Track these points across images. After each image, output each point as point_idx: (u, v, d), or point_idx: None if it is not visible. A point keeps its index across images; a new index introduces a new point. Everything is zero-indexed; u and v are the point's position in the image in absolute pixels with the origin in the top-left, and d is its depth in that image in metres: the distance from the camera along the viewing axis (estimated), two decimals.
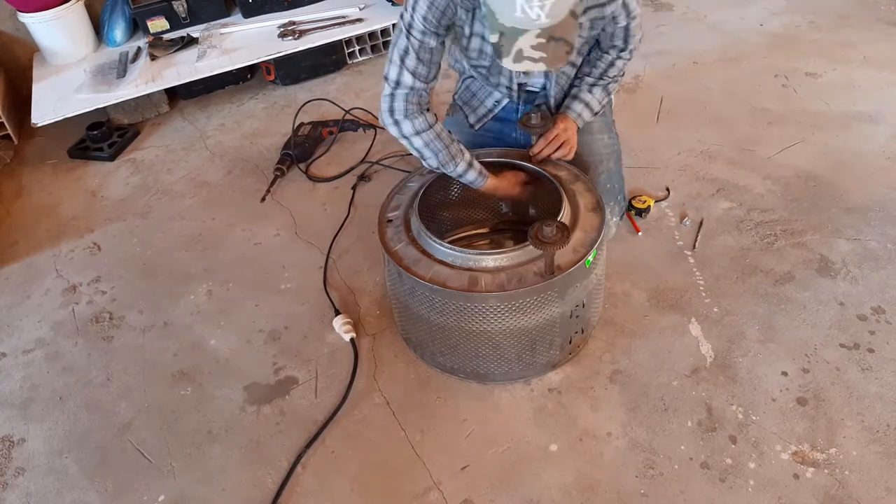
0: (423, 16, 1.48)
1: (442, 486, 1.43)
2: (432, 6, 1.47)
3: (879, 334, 1.64)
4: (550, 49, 1.33)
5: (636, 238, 1.96)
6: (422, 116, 1.57)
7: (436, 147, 1.59)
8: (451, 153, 1.60)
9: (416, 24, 1.49)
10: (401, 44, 1.53)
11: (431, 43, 1.52)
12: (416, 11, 1.48)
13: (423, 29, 1.49)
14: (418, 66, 1.54)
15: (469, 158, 1.63)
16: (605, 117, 1.88)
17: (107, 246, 2.17)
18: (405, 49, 1.53)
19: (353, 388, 1.63)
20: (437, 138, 1.59)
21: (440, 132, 1.60)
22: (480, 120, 1.88)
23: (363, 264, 1.98)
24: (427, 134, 1.58)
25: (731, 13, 3.13)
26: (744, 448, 1.44)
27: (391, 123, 1.59)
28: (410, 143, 1.60)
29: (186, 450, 1.56)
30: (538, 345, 1.52)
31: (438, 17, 1.49)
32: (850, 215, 1.97)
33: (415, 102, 1.56)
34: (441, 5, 1.47)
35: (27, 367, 1.80)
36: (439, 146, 1.59)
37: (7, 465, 1.57)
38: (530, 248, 1.43)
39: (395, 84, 1.56)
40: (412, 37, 1.51)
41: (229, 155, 2.52)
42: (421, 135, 1.58)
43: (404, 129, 1.58)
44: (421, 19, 1.48)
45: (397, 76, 1.55)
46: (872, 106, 2.41)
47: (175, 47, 2.82)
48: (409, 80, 1.54)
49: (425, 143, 1.58)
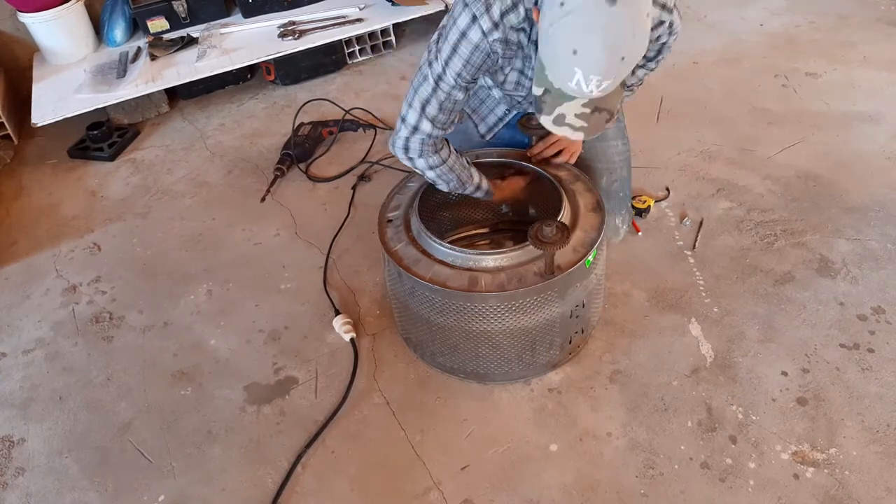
0: (457, 72, 1.39)
1: (442, 486, 1.43)
2: (468, 64, 1.38)
3: (879, 334, 1.64)
4: (593, 119, 1.28)
5: (636, 238, 1.96)
6: (436, 155, 1.52)
7: (448, 178, 1.57)
8: (461, 181, 1.59)
9: (447, 79, 1.40)
10: (424, 92, 1.44)
11: (459, 96, 1.44)
12: (450, 67, 1.39)
13: (454, 84, 1.41)
14: (439, 115, 1.46)
15: (477, 181, 1.62)
16: (618, 122, 1.83)
17: (107, 246, 2.17)
18: (428, 98, 1.44)
19: (353, 388, 1.63)
20: (450, 171, 1.55)
21: (453, 165, 1.55)
22: (491, 129, 1.82)
23: (363, 264, 1.98)
24: (440, 168, 1.54)
25: (731, 13, 3.13)
26: (744, 448, 1.44)
27: (405, 159, 1.54)
28: (423, 174, 1.58)
29: (186, 450, 1.56)
30: (538, 345, 1.52)
31: (473, 74, 1.40)
32: (850, 215, 1.97)
33: (430, 145, 1.50)
34: (477, 63, 1.38)
35: (27, 367, 1.80)
36: (451, 177, 1.57)
37: (7, 465, 1.57)
38: (530, 248, 1.43)
39: (412, 129, 1.48)
40: (440, 89, 1.42)
41: (229, 155, 2.52)
42: (434, 169, 1.54)
43: (418, 164, 1.54)
44: (454, 75, 1.39)
45: (416, 122, 1.47)
46: (872, 106, 2.41)
47: (175, 47, 2.82)
48: (428, 127, 1.47)
49: (438, 175, 1.55)
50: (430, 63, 1.42)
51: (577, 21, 1.12)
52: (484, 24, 1.33)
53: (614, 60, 1.15)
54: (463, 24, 1.34)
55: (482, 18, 1.32)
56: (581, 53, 1.14)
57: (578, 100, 1.24)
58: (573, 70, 1.16)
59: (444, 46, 1.38)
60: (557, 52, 1.17)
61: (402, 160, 1.55)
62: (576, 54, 1.14)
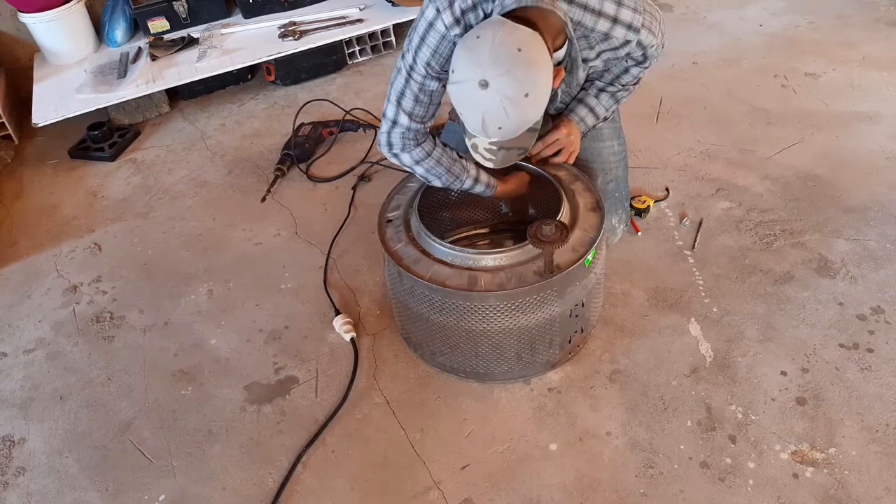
0: (426, 62, 1.43)
1: (442, 486, 1.43)
2: (436, 54, 1.42)
3: (879, 334, 1.64)
4: (501, 154, 1.43)
5: (636, 238, 1.96)
6: (419, 148, 1.55)
7: (437, 171, 1.57)
8: (454, 174, 1.59)
9: (418, 69, 1.44)
10: (398, 84, 1.49)
11: (432, 86, 1.48)
12: (419, 56, 1.43)
13: (425, 73, 1.45)
14: (415, 108, 1.50)
15: (474, 173, 1.62)
16: (614, 122, 1.83)
17: (107, 246, 2.18)
18: (402, 90, 1.49)
19: (354, 388, 1.63)
20: (437, 164, 1.57)
21: (440, 157, 1.57)
22: None
23: (363, 264, 1.98)
24: (426, 162, 1.56)
25: (731, 13, 3.13)
26: (743, 448, 1.44)
27: (390, 155, 1.57)
28: (413, 171, 1.60)
29: (187, 449, 1.56)
30: (538, 344, 1.53)
31: (441, 64, 1.43)
32: (849, 215, 1.97)
33: (411, 139, 1.54)
34: (445, 53, 1.42)
35: (28, 367, 1.80)
36: (440, 170, 1.57)
37: (8, 465, 1.58)
38: (530, 247, 1.43)
39: (391, 123, 1.52)
40: (412, 80, 1.46)
41: (230, 155, 2.53)
42: (421, 163, 1.56)
43: (404, 160, 1.57)
44: (423, 64, 1.43)
45: (394, 116, 1.51)
46: (871, 106, 2.41)
47: (176, 47, 2.82)
48: (406, 120, 1.51)
49: (426, 169, 1.57)
50: (402, 56, 1.49)
51: (460, 92, 1.30)
52: (446, 19, 1.39)
53: (493, 129, 1.31)
54: (430, 16, 1.41)
55: (444, 13, 1.39)
56: (465, 118, 1.33)
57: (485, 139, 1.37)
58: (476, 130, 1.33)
59: (414, 37, 1.45)
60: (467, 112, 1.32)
61: (388, 157, 1.59)
62: (462, 115, 1.33)
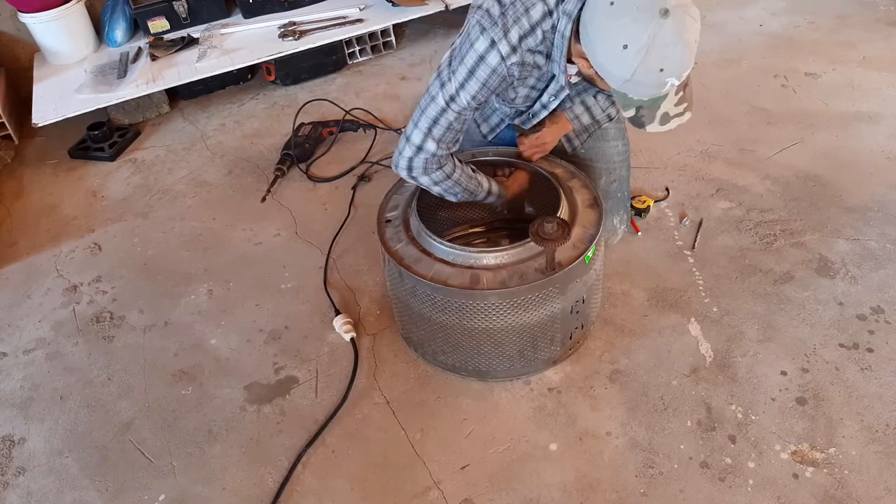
0: (472, 95, 1.39)
1: (442, 486, 1.43)
2: (484, 87, 1.38)
3: (879, 334, 1.64)
4: (688, 95, 1.34)
5: (636, 238, 1.96)
6: (440, 171, 1.50)
7: (454, 191, 1.56)
8: (469, 191, 1.58)
9: (461, 101, 1.40)
10: (431, 112, 1.43)
11: (468, 116, 1.45)
12: (465, 89, 1.39)
13: (467, 106, 1.41)
14: (446, 134, 1.45)
15: (487, 187, 1.61)
16: (619, 123, 1.83)
17: (107, 246, 2.18)
18: (436, 119, 1.43)
19: (354, 388, 1.63)
20: (455, 184, 1.54)
21: (459, 178, 1.54)
22: (494, 130, 1.82)
23: (363, 264, 1.98)
24: (446, 183, 1.53)
25: (731, 13, 3.13)
26: (743, 447, 1.44)
27: (408, 178, 1.53)
28: (429, 190, 1.56)
29: (187, 449, 1.56)
30: (539, 341, 1.53)
31: (487, 97, 1.41)
32: (849, 215, 1.97)
33: (434, 163, 1.48)
34: (493, 86, 1.39)
35: (28, 367, 1.80)
36: (458, 189, 1.56)
37: (8, 465, 1.57)
38: (530, 244, 1.43)
39: (416, 149, 1.46)
40: (450, 109, 1.41)
41: (230, 155, 2.53)
42: (439, 184, 1.53)
43: (422, 182, 1.52)
44: (468, 98, 1.39)
45: (421, 142, 1.45)
46: (871, 106, 2.42)
47: (176, 47, 2.82)
48: (433, 147, 1.45)
49: (444, 189, 1.54)
50: (442, 84, 1.41)
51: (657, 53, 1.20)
52: (503, 49, 1.34)
53: (693, 50, 1.24)
54: (481, 48, 1.36)
55: (500, 43, 1.34)
56: (668, 67, 1.23)
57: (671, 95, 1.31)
58: (664, 81, 1.25)
59: (461, 69, 1.38)
60: (648, 80, 1.25)
61: (406, 178, 1.53)
62: (663, 71, 1.23)
